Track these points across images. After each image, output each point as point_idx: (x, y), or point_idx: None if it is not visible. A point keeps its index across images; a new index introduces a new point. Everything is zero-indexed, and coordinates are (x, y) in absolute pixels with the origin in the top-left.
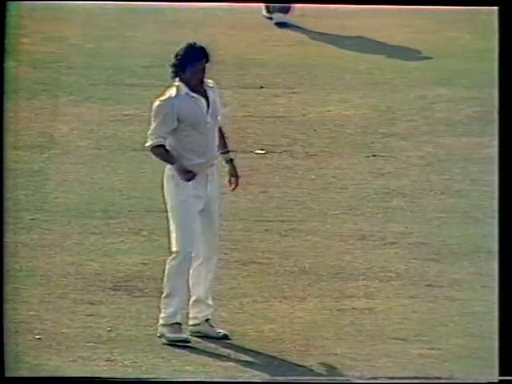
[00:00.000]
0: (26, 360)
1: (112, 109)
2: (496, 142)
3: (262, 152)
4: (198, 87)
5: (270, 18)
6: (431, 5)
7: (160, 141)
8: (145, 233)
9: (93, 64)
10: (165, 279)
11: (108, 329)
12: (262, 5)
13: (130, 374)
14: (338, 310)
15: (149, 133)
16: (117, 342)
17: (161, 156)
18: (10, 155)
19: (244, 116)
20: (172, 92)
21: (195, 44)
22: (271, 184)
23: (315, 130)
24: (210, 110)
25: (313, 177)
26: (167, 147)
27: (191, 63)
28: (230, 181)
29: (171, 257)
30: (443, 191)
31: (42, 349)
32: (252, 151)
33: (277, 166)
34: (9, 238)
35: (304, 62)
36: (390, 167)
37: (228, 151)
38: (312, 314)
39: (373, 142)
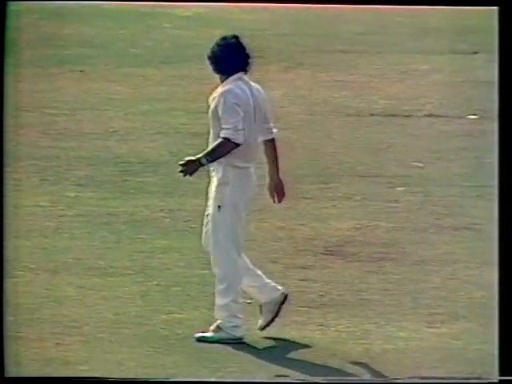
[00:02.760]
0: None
1: (324, 75)
2: None
3: (475, 117)
4: None
5: None
6: (431, 5)
7: None
8: (357, 198)
9: (304, 31)
10: None
11: (320, 293)
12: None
13: (344, 339)
14: None
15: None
16: (330, 306)
17: None
18: None
19: (458, 81)
20: None
21: None
22: (484, 149)
23: None
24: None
25: None
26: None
27: None
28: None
29: None
30: None
31: (253, 313)
32: (465, 116)
33: (490, 131)
34: None
35: None
36: None
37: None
38: None
39: None
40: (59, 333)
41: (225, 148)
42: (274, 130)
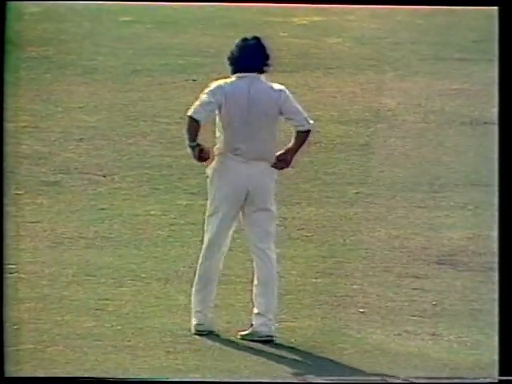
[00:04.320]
0: (348, 333)
1: (440, 83)
2: None
3: None
4: None
5: None
6: (431, 5)
7: None
8: (470, 207)
9: (421, 39)
10: None
11: (433, 303)
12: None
13: (455, 349)
14: None
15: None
16: (442, 316)
17: None
18: (335, 130)
19: None
20: None
21: None
22: None
23: None
24: None
25: None
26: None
27: None
28: None
29: None
30: None
31: (366, 322)
32: None
33: None
34: (331, 212)
35: None
36: None
37: None
38: None
39: None
40: (170, 341)
41: (187, 124)
42: (311, 121)
